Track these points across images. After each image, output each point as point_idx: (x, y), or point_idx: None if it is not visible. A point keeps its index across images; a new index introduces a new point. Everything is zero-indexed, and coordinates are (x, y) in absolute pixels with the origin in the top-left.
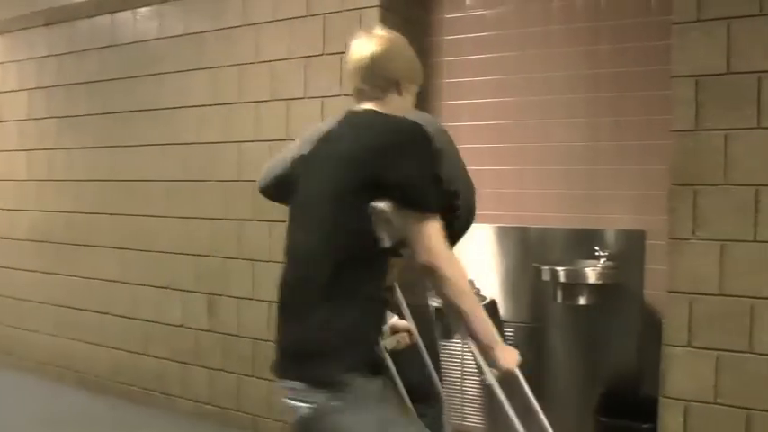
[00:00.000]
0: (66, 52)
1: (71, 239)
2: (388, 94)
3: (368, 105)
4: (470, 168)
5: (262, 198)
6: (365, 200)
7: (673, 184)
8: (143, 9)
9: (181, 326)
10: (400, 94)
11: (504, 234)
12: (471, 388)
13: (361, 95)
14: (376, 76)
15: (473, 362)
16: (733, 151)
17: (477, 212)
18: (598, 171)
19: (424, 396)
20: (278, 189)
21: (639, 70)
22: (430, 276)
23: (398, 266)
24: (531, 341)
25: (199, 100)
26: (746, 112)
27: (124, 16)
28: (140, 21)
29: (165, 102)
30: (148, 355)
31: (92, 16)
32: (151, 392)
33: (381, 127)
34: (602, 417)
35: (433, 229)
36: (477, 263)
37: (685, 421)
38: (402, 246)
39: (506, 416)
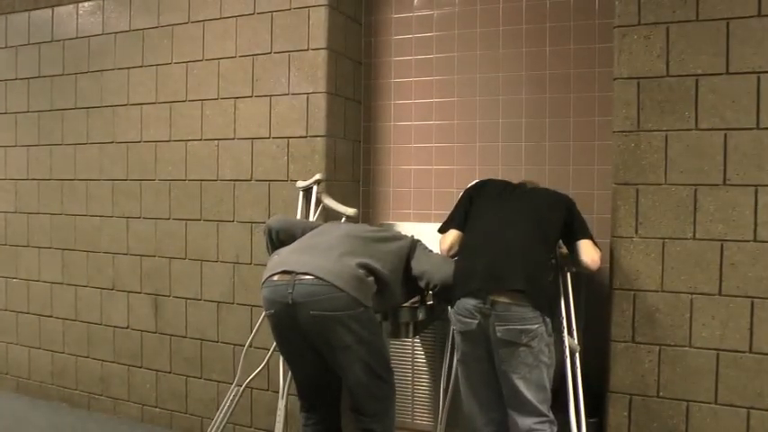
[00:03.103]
0: (1, 47)
1: (9, 240)
2: None
3: None
4: (418, 168)
5: (208, 197)
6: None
7: (615, 184)
8: (86, 4)
9: (126, 327)
10: None
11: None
12: (422, 387)
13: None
14: None
15: (423, 360)
16: (672, 152)
17: (421, 211)
18: (542, 171)
19: None
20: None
21: (583, 72)
22: (587, 269)
23: None
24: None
25: (143, 98)
26: (684, 114)
27: (65, 11)
28: (82, 16)
29: (107, 99)
30: (92, 358)
31: (30, 10)
32: (95, 396)
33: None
34: None
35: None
36: None
37: (630, 415)
38: None
39: None
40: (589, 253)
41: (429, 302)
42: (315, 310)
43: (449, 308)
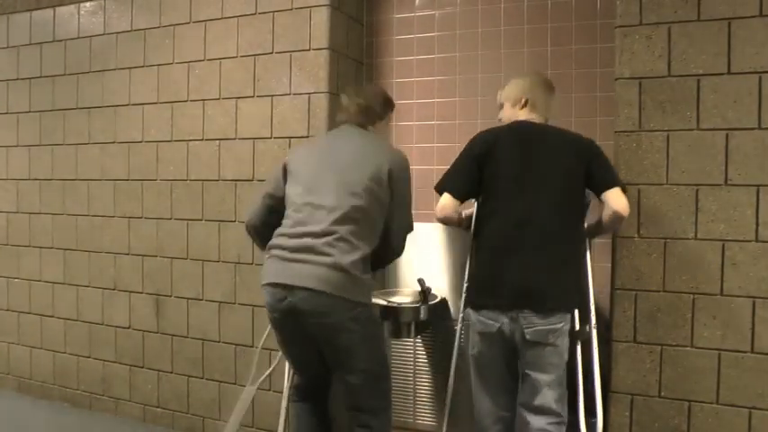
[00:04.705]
0: (2, 47)
1: (11, 240)
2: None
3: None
4: (420, 168)
5: (210, 197)
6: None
7: None
8: (87, 4)
9: (127, 327)
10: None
11: (455, 233)
12: (424, 387)
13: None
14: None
15: (425, 360)
16: (674, 152)
17: (423, 211)
18: None
19: None
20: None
21: (584, 72)
22: (619, 220)
23: None
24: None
25: (144, 98)
26: (686, 114)
27: (66, 11)
28: (84, 16)
29: (109, 99)
30: (94, 358)
31: (32, 10)
32: (97, 396)
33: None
34: None
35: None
36: (428, 262)
37: (631, 415)
38: None
39: None
40: (618, 200)
41: (431, 303)
42: (314, 318)
43: (469, 309)
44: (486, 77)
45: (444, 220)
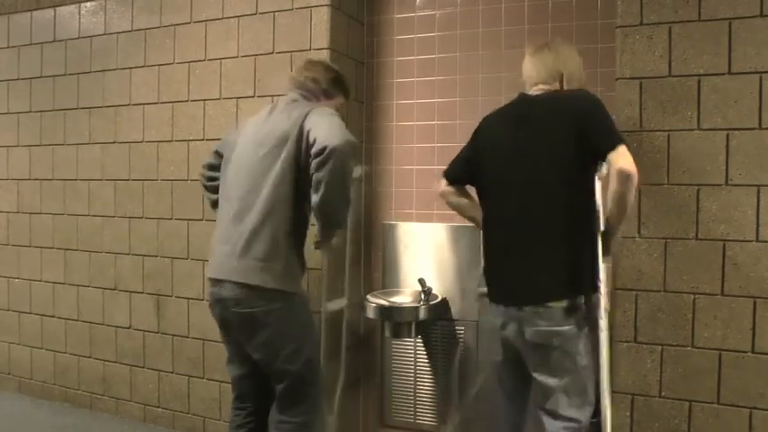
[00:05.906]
0: (3, 47)
1: (11, 240)
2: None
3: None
4: (420, 168)
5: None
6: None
7: None
8: (88, 4)
9: (128, 327)
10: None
11: (456, 233)
12: (424, 387)
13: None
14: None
15: (425, 360)
16: (674, 152)
17: (423, 211)
18: None
19: None
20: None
21: (585, 72)
22: (626, 179)
23: None
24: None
25: (145, 98)
26: (687, 114)
27: (67, 11)
28: (84, 16)
29: (110, 99)
30: (94, 358)
31: (32, 10)
32: (97, 396)
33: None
34: None
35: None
36: (430, 262)
37: (632, 415)
38: None
39: None
40: (622, 158)
41: (431, 303)
42: (236, 309)
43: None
44: (486, 77)
45: (445, 201)
